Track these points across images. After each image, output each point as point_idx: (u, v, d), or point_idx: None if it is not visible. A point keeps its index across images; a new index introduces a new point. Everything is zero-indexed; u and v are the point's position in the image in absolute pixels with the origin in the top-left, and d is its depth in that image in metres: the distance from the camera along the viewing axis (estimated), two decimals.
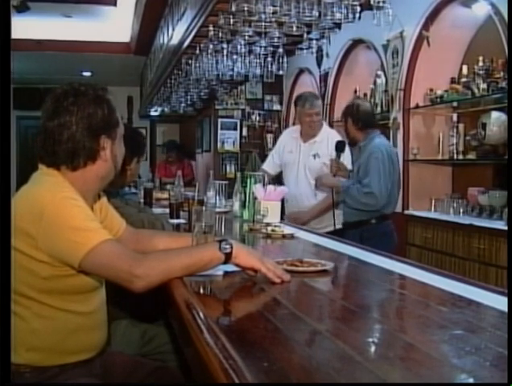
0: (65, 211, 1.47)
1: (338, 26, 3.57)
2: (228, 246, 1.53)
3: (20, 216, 1.49)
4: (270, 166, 4.08)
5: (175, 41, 5.84)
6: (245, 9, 3.26)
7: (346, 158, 3.68)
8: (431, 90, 4.71)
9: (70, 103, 1.57)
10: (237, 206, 3.23)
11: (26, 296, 1.52)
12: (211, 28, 4.16)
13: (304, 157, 3.87)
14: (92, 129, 1.58)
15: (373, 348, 1.10)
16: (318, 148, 3.82)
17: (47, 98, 1.61)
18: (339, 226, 3.63)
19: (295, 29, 3.44)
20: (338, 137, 3.82)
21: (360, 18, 3.24)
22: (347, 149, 3.66)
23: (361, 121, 3.47)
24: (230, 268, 1.62)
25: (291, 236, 2.53)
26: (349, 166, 3.67)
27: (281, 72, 4.13)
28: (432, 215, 4.58)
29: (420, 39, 4.71)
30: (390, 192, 3.39)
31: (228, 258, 1.54)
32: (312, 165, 3.81)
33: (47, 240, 1.46)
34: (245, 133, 8.20)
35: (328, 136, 3.88)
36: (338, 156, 3.53)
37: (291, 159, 3.95)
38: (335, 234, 3.26)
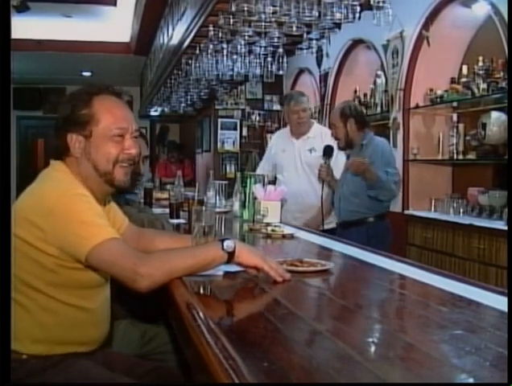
0: (75, 206, 1.51)
1: (338, 26, 3.56)
2: (230, 245, 1.54)
3: (31, 211, 1.53)
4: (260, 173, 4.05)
5: (175, 41, 5.84)
6: (245, 9, 3.25)
7: (340, 157, 3.67)
8: (431, 90, 4.71)
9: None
10: (237, 206, 3.23)
11: (34, 287, 1.54)
12: (211, 28, 4.16)
13: (301, 153, 3.86)
14: (59, 126, 1.65)
15: (373, 348, 1.10)
16: (312, 143, 3.84)
17: None
18: (328, 226, 3.64)
19: (295, 29, 3.44)
20: (330, 133, 3.82)
21: (360, 18, 3.23)
22: (341, 156, 3.66)
23: (360, 122, 3.51)
24: (232, 268, 1.63)
25: (291, 236, 2.53)
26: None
27: (281, 72, 4.13)
28: (432, 215, 4.58)
29: (420, 39, 4.71)
30: None
31: (230, 257, 1.55)
32: (310, 159, 3.81)
33: (56, 234, 1.49)
34: (245, 133, 8.19)
35: (321, 131, 3.95)
36: (326, 161, 3.53)
37: (285, 158, 3.93)
38: (331, 233, 3.28)
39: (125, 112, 1.70)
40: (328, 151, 3.53)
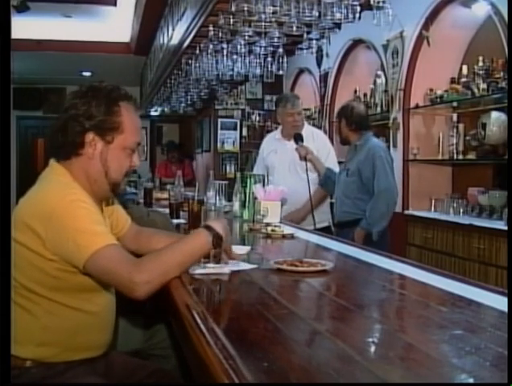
0: (73, 213, 1.49)
1: (338, 26, 3.58)
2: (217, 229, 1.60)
3: (30, 216, 1.52)
4: None
5: (175, 41, 5.84)
6: (245, 9, 3.26)
7: (331, 158, 3.85)
8: (431, 90, 4.71)
9: (72, 100, 1.64)
10: (237, 206, 3.22)
11: (37, 293, 1.54)
12: (211, 28, 4.16)
13: (293, 153, 3.87)
14: (79, 122, 1.60)
15: (373, 348, 1.10)
16: (305, 143, 3.85)
17: None
18: (320, 225, 3.66)
19: (295, 29, 3.44)
20: (321, 134, 4.09)
21: (360, 18, 3.24)
22: (332, 151, 3.87)
23: (354, 123, 3.60)
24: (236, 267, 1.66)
25: (291, 236, 2.53)
26: (336, 168, 3.80)
27: (281, 72, 4.14)
28: (432, 215, 4.58)
29: (420, 39, 4.71)
30: None
31: (217, 241, 1.58)
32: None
33: (54, 241, 1.48)
34: (245, 133, 8.20)
35: (313, 132, 3.99)
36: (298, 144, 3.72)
37: (277, 159, 3.93)
38: (323, 232, 3.31)
39: (140, 126, 1.74)
40: (297, 138, 3.71)
